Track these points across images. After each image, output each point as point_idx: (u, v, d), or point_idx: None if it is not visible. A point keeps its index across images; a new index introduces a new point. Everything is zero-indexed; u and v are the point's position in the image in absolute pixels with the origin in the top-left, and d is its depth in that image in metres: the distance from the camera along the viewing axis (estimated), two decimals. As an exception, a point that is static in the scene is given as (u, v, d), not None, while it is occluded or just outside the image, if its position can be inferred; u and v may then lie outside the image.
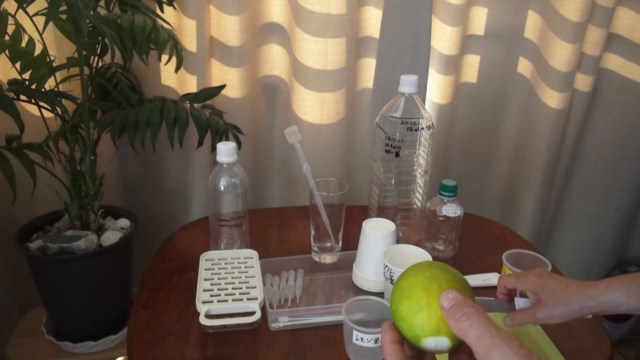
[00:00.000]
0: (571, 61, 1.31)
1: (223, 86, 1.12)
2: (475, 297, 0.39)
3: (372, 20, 1.25)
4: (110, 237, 1.00)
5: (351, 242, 0.94)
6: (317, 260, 0.91)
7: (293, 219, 1.08)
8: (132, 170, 1.29)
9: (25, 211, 1.14)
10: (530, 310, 0.59)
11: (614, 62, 1.42)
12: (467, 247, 0.98)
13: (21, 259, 0.99)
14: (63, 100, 0.98)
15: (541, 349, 0.71)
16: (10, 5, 0.88)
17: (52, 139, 0.98)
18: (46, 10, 0.82)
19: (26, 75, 0.92)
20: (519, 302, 0.63)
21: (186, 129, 1.01)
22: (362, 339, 0.64)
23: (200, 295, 0.74)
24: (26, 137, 0.95)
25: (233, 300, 0.74)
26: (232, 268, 0.82)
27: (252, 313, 0.71)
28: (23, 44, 0.93)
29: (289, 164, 1.34)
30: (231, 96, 1.23)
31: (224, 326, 0.72)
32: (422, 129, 0.89)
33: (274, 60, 1.27)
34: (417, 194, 0.95)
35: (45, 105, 0.96)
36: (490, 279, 0.87)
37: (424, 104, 1.28)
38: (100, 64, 1.06)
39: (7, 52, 0.87)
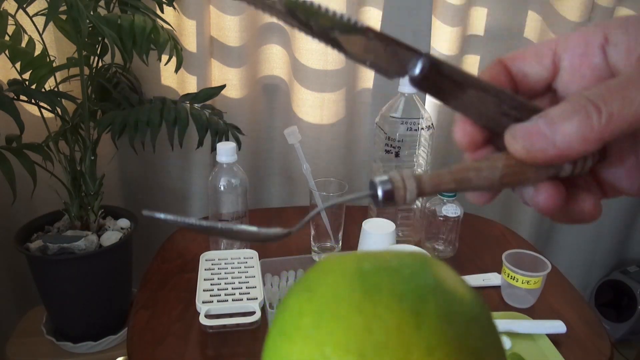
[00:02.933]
0: (571, 61, 1.31)
1: (223, 86, 1.12)
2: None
3: (372, 20, 1.25)
4: (110, 237, 1.00)
5: (351, 242, 0.94)
6: (317, 260, 0.91)
7: (293, 219, 1.08)
8: (132, 170, 1.29)
9: (25, 211, 1.14)
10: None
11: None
12: (467, 247, 0.98)
13: (21, 259, 0.99)
14: (63, 100, 0.98)
15: None
16: (10, 5, 0.88)
17: (52, 139, 0.98)
18: (46, 10, 0.82)
19: (26, 75, 0.92)
20: None
21: (186, 129, 1.01)
22: (362, 339, 0.64)
23: (200, 295, 0.74)
24: (26, 137, 0.95)
25: (233, 300, 0.74)
26: (232, 268, 0.82)
27: (252, 313, 0.71)
28: (23, 44, 0.93)
29: (289, 164, 1.34)
30: (231, 96, 1.23)
31: (224, 326, 0.72)
32: (422, 129, 0.89)
33: (274, 60, 1.27)
34: (417, 194, 0.95)
35: (45, 106, 0.96)
36: (490, 279, 0.87)
37: (424, 104, 1.28)
38: (100, 64, 1.06)
39: (7, 52, 0.87)
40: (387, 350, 0.15)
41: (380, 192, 0.22)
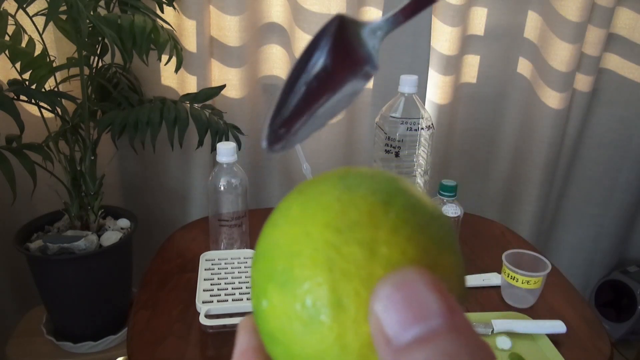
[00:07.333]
0: (571, 61, 1.31)
1: (223, 86, 1.12)
2: None
3: (372, 20, 1.25)
4: (111, 237, 1.00)
5: (351, 242, 0.94)
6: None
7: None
8: (132, 170, 1.30)
9: (25, 211, 1.14)
10: None
11: (614, 62, 1.42)
12: (467, 247, 0.98)
13: (21, 259, 0.99)
14: (63, 100, 0.98)
15: None
16: (10, 5, 0.88)
17: (52, 139, 0.98)
18: (46, 10, 0.82)
19: (26, 76, 0.92)
20: None
21: (186, 129, 1.01)
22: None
23: (200, 295, 0.74)
24: (26, 137, 0.95)
25: (233, 300, 0.74)
26: (232, 268, 0.82)
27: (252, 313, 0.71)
28: (23, 44, 0.93)
29: (289, 164, 1.34)
30: (231, 96, 1.23)
31: (224, 326, 0.72)
32: (422, 129, 0.89)
33: (274, 60, 1.27)
34: (417, 194, 0.95)
35: (45, 106, 0.96)
36: (490, 279, 0.87)
37: (424, 104, 1.28)
38: (100, 64, 1.06)
39: (7, 52, 0.87)
40: (359, 226, 0.17)
41: None
